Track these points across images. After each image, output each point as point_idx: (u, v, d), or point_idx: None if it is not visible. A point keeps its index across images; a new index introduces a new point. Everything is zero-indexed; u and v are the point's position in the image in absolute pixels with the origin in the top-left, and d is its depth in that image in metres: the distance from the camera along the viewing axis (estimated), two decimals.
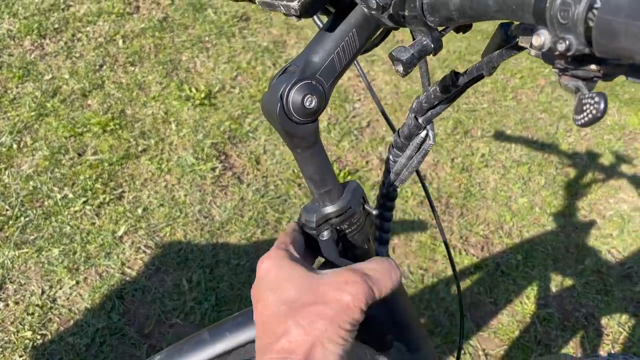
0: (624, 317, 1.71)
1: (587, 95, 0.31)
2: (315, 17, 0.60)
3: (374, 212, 0.55)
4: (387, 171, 0.59)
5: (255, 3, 0.59)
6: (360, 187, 0.55)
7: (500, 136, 2.28)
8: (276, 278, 0.45)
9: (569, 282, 1.80)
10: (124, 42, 2.49)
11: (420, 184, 1.98)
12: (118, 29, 2.54)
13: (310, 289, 0.43)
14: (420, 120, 0.54)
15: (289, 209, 1.94)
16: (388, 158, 0.59)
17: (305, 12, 0.42)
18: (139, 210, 1.88)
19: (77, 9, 2.62)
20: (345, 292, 0.43)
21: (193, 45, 2.54)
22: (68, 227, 1.80)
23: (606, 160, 2.22)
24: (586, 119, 0.31)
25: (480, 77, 0.47)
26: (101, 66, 2.37)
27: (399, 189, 0.60)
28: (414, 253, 1.85)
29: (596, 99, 0.30)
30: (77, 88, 2.26)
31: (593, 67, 0.32)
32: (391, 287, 0.47)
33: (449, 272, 1.80)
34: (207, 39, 2.59)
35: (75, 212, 1.85)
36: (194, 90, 2.31)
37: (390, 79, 2.52)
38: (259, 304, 0.45)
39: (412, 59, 0.41)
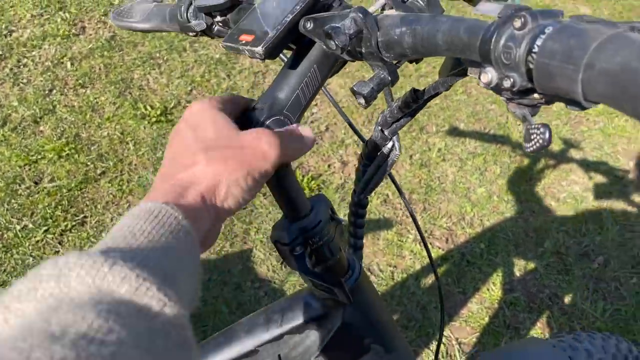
0: (585, 293, 1.79)
1: (533, 126, 0.35)
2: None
3: (342, 221, 0.57)
4: (358, 180, 0.63)
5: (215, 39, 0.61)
6: (327, 199, 0.57)
7: (454, 130, 2.35)
8: (199, 119, 0.45)
9: (531, 265, 1.88)
10: (72, 64, 2.45)
11: (391, 187, 2.03)
12: (65, 51, 2.49)
13: (230, 135, 0.43)
14: (386, 133, 0.59)
15: (255, 219, 1.94)
16: (358, 168, 0.63)
17: (269, 55, 0.46)
18: (103, 234, 1.85)
19: (20, 33, 2.56)
20: (263, 141, 0.43)
21: (144, 62, 2.52)
22: (31, 259, 1.76)
23: (556, 145, 2.32)
24: (535, 146, 0.35)
25: (437, 94, 0.52)
26: (51, 90, 2.32)
27: (369, 197, 0.64)
28: (382, 251, 1.89)
29: (541, 129, 0.34)
30: (28, 115, 2.21)
31: (536, 95, 0.35)
32: (303, 151, 0.47)
33: (418, 266, 1.85)
34: (157, 55, 2.57)
35: (37, 242, 1.81)
36: (149, 108, 2.29)
37: (344, 82, 2.56)
38: (174, 140, 0.45)
39: (372, 92, 0.45)
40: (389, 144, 0.61)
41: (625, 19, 3.07)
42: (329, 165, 2.16)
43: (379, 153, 0.62)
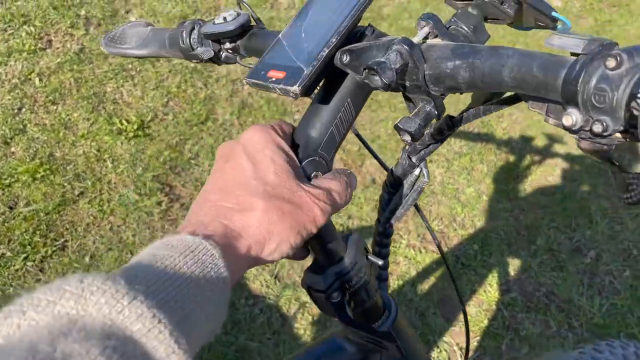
0: (581, 289, 1.79)
1: (631, 177, 0.32)
2: None
3: (380, 263, 0.53)
4: (383, 209, 0.59)
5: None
6: (361, 239, 0.53)
7: None
8: (260, 154, 0.42)
9: (525, 263, 1.87)
10: (40, 80, 2.34)
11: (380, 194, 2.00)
12: (32, 67, 2.38)
13: (291, 187, 0.41)
14: (414, 160, 0.55)
15: None
16: (382, 196, 0.60)
17: (305, 93, 0.42)
18: (86, 259, 1.77)
19: None
20: (317, 206, 0.42)
21: (116, 74, 2.43)
22: (11, 289, 1.67)
23: (539, 141, 2.33)
24: (635, 199, 0.31)
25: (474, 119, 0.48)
26: (20, 109, 2.22)
27: (394, 227, 0.61)
28: None
29: None
30: None
31: (618, 135, 0.32)
32: (347, 201, 0.46)
33: (413, 272, 1.83)
34: (130, 66, 2.48)
35: (17, 270, 1.72)
36: (125, 122, 2.20)
37: None
38: (228, 164, 0.42)
39: (420, 129, 0.42)
40: (416, 171, 0.58)
41: (597, 10, 3.11)
42: None
43: (405, 181, 0.59)
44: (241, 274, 0.41)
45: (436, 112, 0.42)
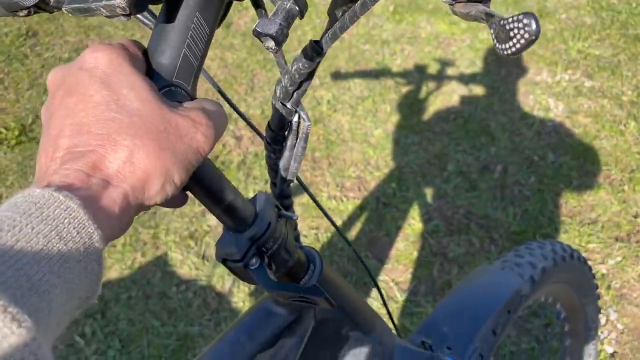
0: (494, 203, 1.89)
1: (510, 20, 0.29)
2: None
3: (294, 218, 0.51)
4: (273, 171, 0.55)
5: (42, 11, 0.47)
6: (270, 197, 0.50)
7: (337, 78, 2.32)
8: (114, 77, 0.34)
9: (441, 190, 1.94)
10: None
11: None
12: None
13: (161, 113, 0.34)
14: (289, 106, 0.51)
15: (161, 220, 1.81)
16: (269, 156, 0.55)
17: (135, 7, 0.35)
18: None
19: None
20: (200, 132, 0.36)
21: None
22: None
23: (433, 69, 2.38)
24: (518, 45, 0.28)
25: (337, 37, 0.44)
26: None
27: (292, 183, 0.56)
28: (300, 216, 1.85)
29: (525, 20, 0.27)
30: None
31: None
32: (222, 132, 0.40)
33: (339, 222, 1.84)
34: None
35: None
36: (3, 130, 2.01)
37: (214, 54, 2.42)
38: (73, 97, 0.34)
39: (282, 29, 0.36)
40: (295, 117, 0.52)
41: None
42: (223, 145, 2.05)
43: (286, 132, 0.54)
44: (126, 225, 0.34)
45: (297, 8, 0.37)
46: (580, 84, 2.31)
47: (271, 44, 0.37)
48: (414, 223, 1.85)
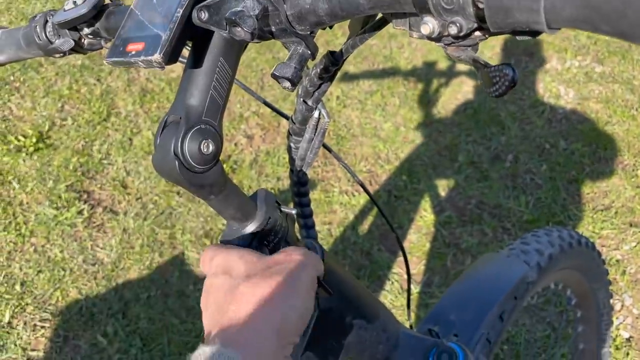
0: (507, 192, 1.89)
1: (492, 69, 0.32)
2: None
3: (293, 212, 0.53)
4: (292, 159, 0.60)
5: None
6: (270, 193, 0.52)
7: (346, 75, 2.34)
8: (225, 260, 0.45)
9: (452, 181, 1.95)
10: None
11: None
12: None
13: (262, 262, 0.44)
14: (310, 103, 0.55)
15: (177, 220, 1.85)
16: (289, 146, 0.60)
17: (169, 60, 0.39)
18: (17, 287, 1.68)
19: None
20: (299, 259, 0.44)
21: None
22: None
23: (442, 63, 2.38)
24: (501, 90, 0.32)
25: (354, 50, 0.48)
26: None
27: (308, 173, 0.61)
28: (313, 212, 1.87)
29: (504, 70, 0.32)
30: None
31: (477, 34, 0.32)
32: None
33: (351, 216, 1.86)
34: (12, 78, 2.31)
35: None
36: (21, 138, 2.06)
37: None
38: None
39: (297, 72, 0.40)
40: (315, 114, 0.58)
41: None
42: (235, 144, 2.08)
43: (307, 125, 0.59)
44: None
45: (309, 52, 0.42)
46: (590, 70, 2.30)
47: (287, 84, 0.41)
48: (426, 215, 1.86)
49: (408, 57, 2.42)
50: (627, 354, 1.51)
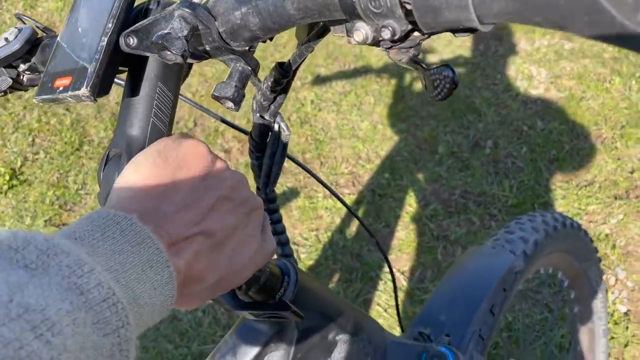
0: (489, 179, 1.89)
1: (432, 72, 0.32)
2: None
3: None
4: (257, 177, 0.58)
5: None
6: None
7: (318, 78, 2.32)
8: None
9: (434, 174, 1.94)
10: None
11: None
12: None
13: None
14: (267, 117, 0.54)
15: None
16: (253, 164, 0.59)
17: (99, 92, 0.38)
18: None
19: None
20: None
21: None
22: None
23: None
24: (443, 93, 0.31)
25: (303, 60, 0.47)
26: None
27: (276, 188, 0.60)
28: (299, 220, 1.85)
29: (444, 72, 0.31)
30: None
31: (416, 34, 0.31)
32: None
33: (337, 220, 1.84)
34: None
35: None
36: None
37: (193, 70, 2.41)
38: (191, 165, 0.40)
39: (238, 91, 0.39)
40: (275, 127, 0.56)
41: None
42: None
43: (267, 140, 0.57)
44: None
45: (249, 68, 0.40)
46: (560, 47, 2.30)
47: (230, 104, 0.39)
48: (411, 210, 1.84)
49: (378, 55, 2.41)
50: (627, 327, 1.51)
